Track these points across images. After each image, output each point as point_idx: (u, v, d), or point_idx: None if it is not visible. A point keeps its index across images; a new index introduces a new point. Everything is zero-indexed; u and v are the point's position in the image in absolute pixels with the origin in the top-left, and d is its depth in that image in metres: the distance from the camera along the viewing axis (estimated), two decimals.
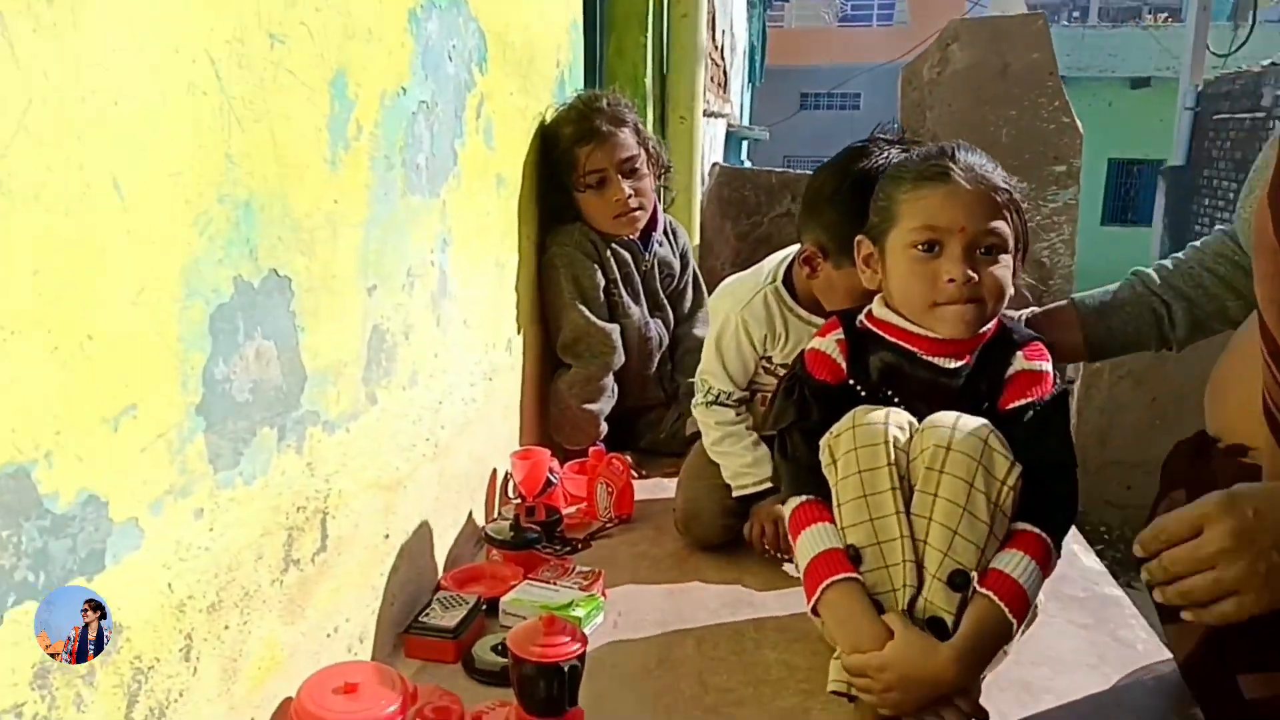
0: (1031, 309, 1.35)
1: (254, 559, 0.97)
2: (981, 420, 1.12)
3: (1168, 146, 11.70)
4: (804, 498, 1.20)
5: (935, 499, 1.08)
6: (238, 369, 0.92)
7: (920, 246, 1.15)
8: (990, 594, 1.06)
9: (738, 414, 1.62)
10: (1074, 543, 1.68)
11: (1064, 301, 1.31)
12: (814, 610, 1.14)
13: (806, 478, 1.20)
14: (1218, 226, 1.29)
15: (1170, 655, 1.30)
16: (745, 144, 7.46)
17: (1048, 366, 1.19)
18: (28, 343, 0.68)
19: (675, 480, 1.74)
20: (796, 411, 1.25)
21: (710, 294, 2.03)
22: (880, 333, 1.22)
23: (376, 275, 1.18)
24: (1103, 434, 4.03)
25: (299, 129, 1.00)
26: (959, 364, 1.18)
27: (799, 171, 3.11)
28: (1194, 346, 1.32)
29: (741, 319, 1.56)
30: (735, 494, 1.58)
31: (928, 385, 1.19)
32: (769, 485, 1.54)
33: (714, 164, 3.19)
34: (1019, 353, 1.18)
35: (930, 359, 1.19)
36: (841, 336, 1.25)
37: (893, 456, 1.11)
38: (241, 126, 0.89)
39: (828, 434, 1.17)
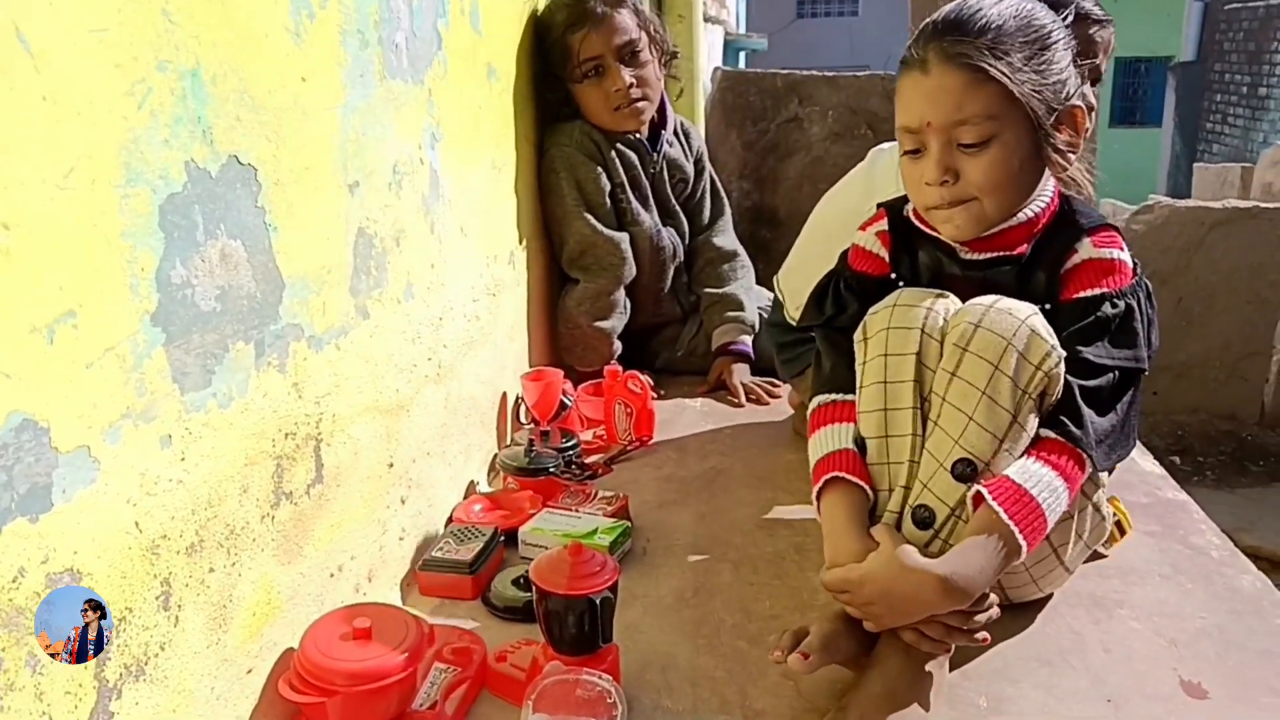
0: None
1: (238, 492, 0.85)
2: (1029, 304, 0.98)
3: (1176, 42, 11.31)
4: (828, 397, 1.10)
5: (953, 378, 0.96)
6: (199, 272, 0.78)
7: (907, 150, 1.04)
8: (997, 508, 0.91)
9: None
10: None
11: None
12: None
13: (830, 377, 1.11)
14: None
15: (1249, 565, 1.19)
16: (742, 55, 7.19)
17: (1122, 255, 1.03)
18: None
19: (697, 400, 1.63)
20: (834, 306, 1.16)
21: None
22: (921, 226, 1.11)
23: (358, 170, 1.03)
24: None
25: None
26: (1003, 255, 1.05)
27: (805, 72, 2.92)
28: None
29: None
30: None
31: (978, 283, 1.06)
32: None
33: (715, 68, 3.00)
34: (1086, 239, 1.03)
35: (970, 255, 1.08)
36: (885, 228, 1.15)
37: (921, 346, 0.99)
38: None
39: (870, 311, 1.07)
